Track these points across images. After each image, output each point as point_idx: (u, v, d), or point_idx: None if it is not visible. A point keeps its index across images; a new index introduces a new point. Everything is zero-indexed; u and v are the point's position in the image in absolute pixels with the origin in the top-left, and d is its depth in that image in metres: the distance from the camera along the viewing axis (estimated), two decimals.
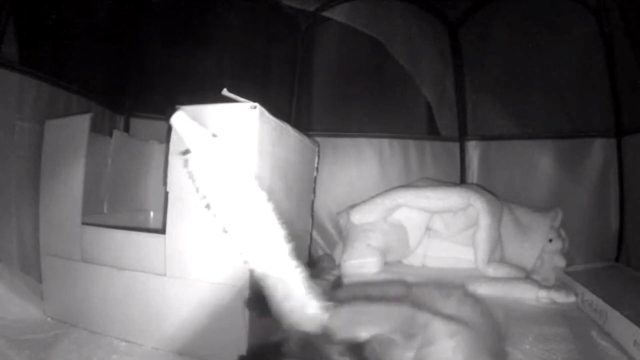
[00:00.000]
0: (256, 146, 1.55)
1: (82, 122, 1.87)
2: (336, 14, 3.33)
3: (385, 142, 3.32)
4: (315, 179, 2.68)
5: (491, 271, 2.62)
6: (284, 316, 1.25)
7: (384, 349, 1.11)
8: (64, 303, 1.84)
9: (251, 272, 1.36)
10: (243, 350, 1.51)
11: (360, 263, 2.61)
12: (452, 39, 3.34)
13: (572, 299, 2.31)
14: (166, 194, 1.64)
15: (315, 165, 2.67)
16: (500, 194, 2.92)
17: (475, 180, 3.24)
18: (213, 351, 1.56)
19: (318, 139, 2.85)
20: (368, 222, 2.78)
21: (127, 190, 2.39)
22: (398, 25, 3.32)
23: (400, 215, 2.80)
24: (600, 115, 2.91)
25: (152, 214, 2.55)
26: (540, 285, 2.44)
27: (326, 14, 3.35)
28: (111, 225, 1.97)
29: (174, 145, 1.62)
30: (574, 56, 2.96)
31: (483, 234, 2.65)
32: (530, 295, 2.37)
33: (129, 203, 2.39)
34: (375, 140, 3.33)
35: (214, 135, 1.45)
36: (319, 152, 2.71)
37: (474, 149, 3.28)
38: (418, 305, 1.30)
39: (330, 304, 1.26)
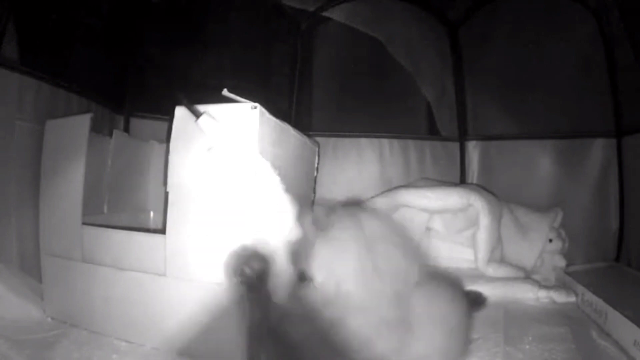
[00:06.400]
0: (256, 146, 1.54)
1: (82, 122, 1.86)
2: (336, 14, 3.34)
3: (385, 142, 3.33)
4: (315, 179, 2.68)
5: (491, 271, 2.62)
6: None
7: None
8: (64, 303, 1.84)
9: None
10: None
11: None
12: (452, 39, 3.34)
13: (572, 299, 2.31)
14: (166, 194, 1.64)
15: (316, 165, 2.67)
16: (500, 194, 2.92)
17: (475, 180, 3.24)
18: (213, 352, 1.56)
19: (318, 139, 2.85)
20: None
21: (127, 190, 2.39)
22: (398, 25, 3.33)
23: (400, 215, 2.80)
24: (600, 115, 2.91)
25: (152, 214, 2.54)
26: (540, 285, 2.44)
27: (326, 14, 3.35)
28: (111, 225, 1.97)
29: (174, 145, 1.62)
30: (574, 56, 2.96)
31: (483, 234, 2.65)
32: (530, 295, 2.37)
33: (129, 203, 2.39)
34: (375, 140, 3.33)
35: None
36: (319, 152, 2.71)
37: (474, 149, 3.28)
38: None
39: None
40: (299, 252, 1.27)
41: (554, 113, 3.00)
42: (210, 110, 1.58)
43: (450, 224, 2.80)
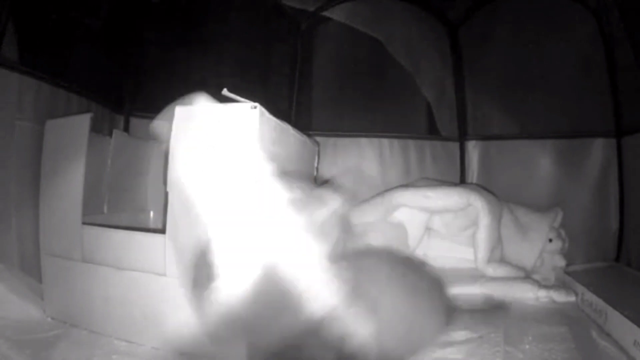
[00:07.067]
0: (256, 146, 1.54)
1: (82, 122, 1.87)
2: (336, 14, 3.34)
3: (385, 142, 3.33)
4: (315, 178, 2.68)
5: (491, 271, 2.62)
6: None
7: None
8: (64, 303, 1.84)
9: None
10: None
11: None
12: (452, 39, 3.34)
13: (572, 298, 2.31)
14: (166, 194, 1.64)
15: (315, 165, 2.67)
16: (500, 194, 2.92)
17: (475, 180, 3.24)
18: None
19: (318, 138, 2.85)
20: (368, 221, 2.78)
21: (127, 190, 2.39)
22: (398, 25, 3.33)
23: (400, 215, 2.79)
24: (600, 115, 2.91)
25: (152, 214, 2.55)
26: (540, 285, 2.44)
27: (326, 14, 3.35)
28: (111, 225, 1.97)
29: (175, 144, 1.62)
30: (574, 56, 2.96)
31: (483, 234, 2.65)
32: (530, 295, 2.37)
33: (129, 203, 2.39)
34: (375, 140, 3.33)
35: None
36: (319, 152, 2.71)
37: (474, 149, 3.29)
38: None
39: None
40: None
41: (554, 113, 3.00)
42: (211, 110, 1.59)
43: (450, 223, 2.80)
